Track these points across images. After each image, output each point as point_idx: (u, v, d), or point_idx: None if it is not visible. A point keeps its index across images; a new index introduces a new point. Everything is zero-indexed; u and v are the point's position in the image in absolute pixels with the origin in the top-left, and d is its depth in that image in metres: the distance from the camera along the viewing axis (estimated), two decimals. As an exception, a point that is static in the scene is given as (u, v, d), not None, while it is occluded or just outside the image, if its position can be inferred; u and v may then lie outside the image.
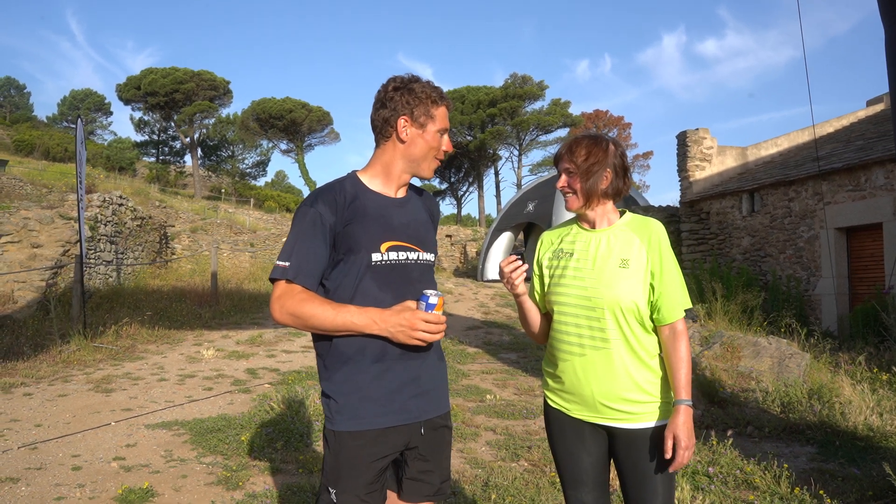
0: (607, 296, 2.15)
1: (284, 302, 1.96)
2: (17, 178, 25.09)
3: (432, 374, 2.14)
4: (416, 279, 2.10)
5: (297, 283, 1.97)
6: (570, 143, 2.31)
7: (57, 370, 7.92)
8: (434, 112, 2.09)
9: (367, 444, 2.00)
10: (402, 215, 2.13)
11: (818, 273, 11.38)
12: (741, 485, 4.43)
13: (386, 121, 2.08)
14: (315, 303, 1.95)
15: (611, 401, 2.17)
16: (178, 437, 5.49)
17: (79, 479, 4.45)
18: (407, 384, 2.04)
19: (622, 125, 56.09)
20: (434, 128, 2.10)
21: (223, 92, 49.75)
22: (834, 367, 7.68)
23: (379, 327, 1.94)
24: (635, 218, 2.30)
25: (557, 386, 2.32)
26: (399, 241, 2.08)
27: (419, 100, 2.06)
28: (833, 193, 11.18)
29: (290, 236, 2.03)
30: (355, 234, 2.01)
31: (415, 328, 1.93)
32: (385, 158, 2.13)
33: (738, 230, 13.48)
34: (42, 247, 11.35)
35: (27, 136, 47.08)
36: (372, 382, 2.00)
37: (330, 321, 1.93)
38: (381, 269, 2.03)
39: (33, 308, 10.26)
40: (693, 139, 14.56)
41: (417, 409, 2.07)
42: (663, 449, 2.12)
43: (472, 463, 4.99)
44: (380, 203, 2.10)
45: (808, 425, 5.74)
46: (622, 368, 2.16)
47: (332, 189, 2.08)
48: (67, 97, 64.70)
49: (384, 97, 2.09)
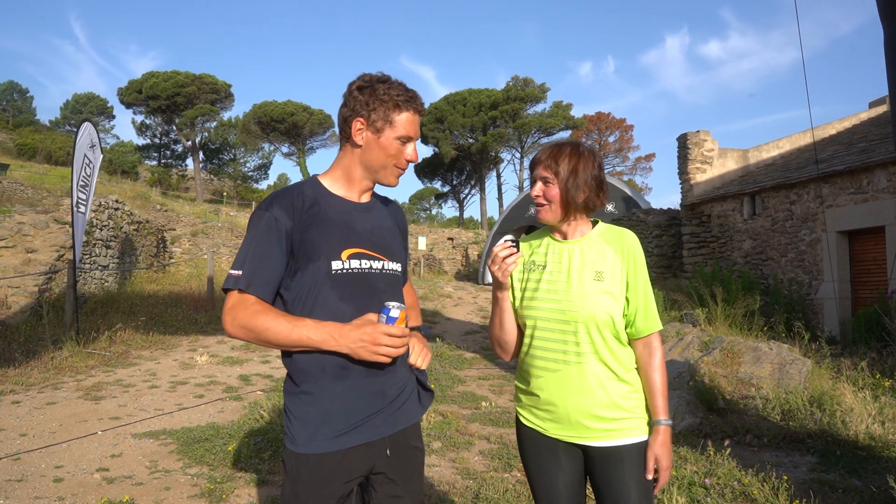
0: (582, 310, 2.06)
1: (237, 314, 1.81)
2: (19, 181, 25.06)
3: (398, 384, 2.00)
4: (382, 290, 1.96)
5: (251, 293, 1.83)
6: (551, 149, 2.18)
7: (48, 377, 7.82)
8: (394, 117, 1.92)
9: (328, 468, 1.86)
10: (366, 221, 2.00)
11: (820, 277, 11.25)
12: (738, 497, 4.31)
13: (345, 120, 1.95)
14: (269, 315, 1.80)
15: (586, 418, 2.08)
16: (164, 446, 5.38)
17: (59, 492, 4.35)
18: (372, 400, 1.91)
19: (624, 127, 55.96)
20: (392, 135, 1.92)
21: (224, 95, 49.72)
22: (836, 373, 7.55)
23: (338, 343, 1.80)
24: (609, 228, 2.21)
25: (531, 403, 2.21)
26: (362, 248, 1.94)
27: (380, 102, 1.90)
28: (835, 196, 11.05)
29: (244, 243, 1.89)
30: (314, 240, 1.88)
31: (377, 343, 1.78)
32: (344, 162, 2.00)
33: (740, 233, 13.35)
34: (37, 252, 11.26)
35: (30, 140, 47.13)
36: (334, 402, 1.86)
37: (285, 336, 1.79)
38: (342, 279, 1.89)
39: (27, 314, 10.17)
40: (694, 141, 14.44)
41: (383, 423, 1.94)
42: (642, 468, 2.05)
43: (463, 473, 4.87)
44: (341, 208, 1.96)
45: (809, 434, 5.62)
46: (597, 384, 2.07)
47: (290, 192, 1.94)
48: (70, 101, 64.77)
49: (347, 94, 1.96)
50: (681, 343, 8.44)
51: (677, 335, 9.03)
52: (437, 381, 8.16)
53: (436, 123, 49.16)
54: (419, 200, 67.60)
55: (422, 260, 30.95)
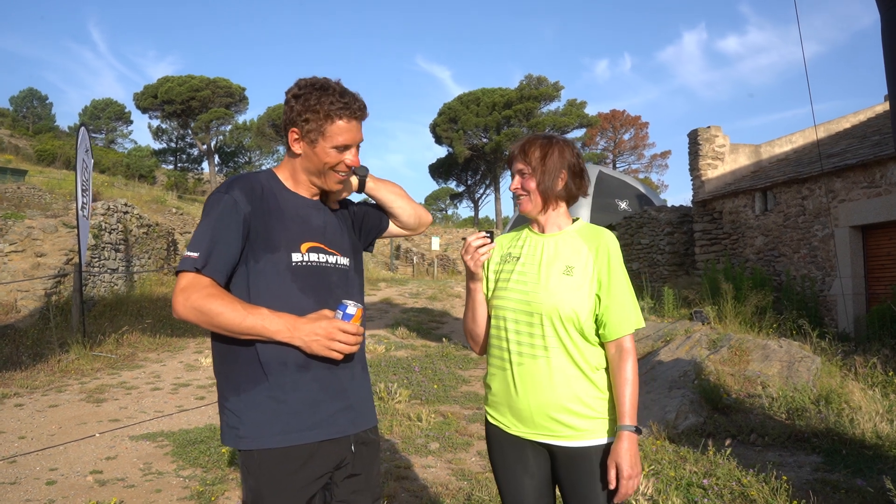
0: (546, 302, 2.04)
1: (189, 294, 1.75)
2: (36, 187, 25.33)
3: (358, 387, 1.98)
4: (336, 284, 1.96)
5: (205, 274, 1.77)
6: (523, 142, 2.19)
7: (53, 380, 7.87)
8: (327, 128, 1.89)
9: (298, 463, 1.81)
10: (320, 217, 2.00)
11: (833, 273, 11.05)
12: (737, 497, 4.22)
13: (284, 127, 1.95)
14: (224, 300, 1.75)
15: (549, 413, 2.02)
16: (160, 448, 5.37)
17: (50, 495, 4.34)
18: (334, 396, 1.88)
19: (639, 125, 55.53)
20: (327, 144, 1.90)
21: (239, 99, 50.03)
22: (847, 370, 7.39)
23: (291, 335, 1.76)
24: (587, 226, 2.19)
25: (496, 399, 2.16)
26: (318, 242, 1.94)
27: (313, 112, 1.87)
28: (848, 191, 10.85)
29: (201, 224, 1.84)
30: (273, 230, 1.86)
31: (332, 338, 1.77)
32: (289, 165, 2.01)
33: (752, 229, 13.15)
34: (45, 255, 11.36)
35: (49, 146, 47.67)
36: (294, 393, 1.82)
37: (238, 322, 1.73)
38: (302, 271, 1.88)
39: (35, 317, 10.24)
40: (705, 137, 14.26)
41: (347, 422, 1.91)
42: (606, 475, 1.99)
43: (458, 475, 4.82)
44: (296, 202, 1.97)
45: (815, 433, 5.49)
46: (561, 378, 2.03)
47: (249, 178, 1.93)
48: (88, 107, 65.45)
49: (286, 102, 1.93)
50: (688, 341, 8.31)
51: (685, 333, 8.90)
52: (442, 381, 8.11)
53: (449, 123, 49.12)
54: (434, 201, 67.61)
55: (435, 260, 30.91)
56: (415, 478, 4.74)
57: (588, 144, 53.69)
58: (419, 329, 12.47)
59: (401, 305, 15.64)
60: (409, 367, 8.82)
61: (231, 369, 1.86)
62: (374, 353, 9.79)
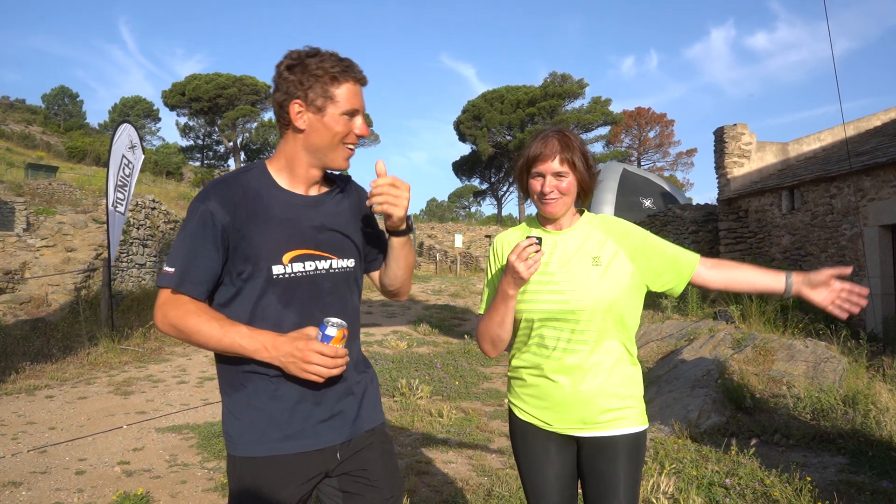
0: (586, 298, 2.05)
1: (167, 311, 1.71)
2: (67, 183, 25.81)
3: (349, 391, 1.86)
4: (328, 291, 1.82)
5: (183, 291, 1.71)
6: (559, 142, 2.08)
7: (82, 372, 8.03)
8: (334, 91, 1.74)
9: (274, 474, 1.76)
10: (314, 217, 1.82)
11: (861, 272, 10.87)
12: (759, 497, 4.18)
13: (280, 106, 1.77)
14: (202, 317, 1.68)
15: (589, 407, 2.06)
16: (185, 440, 5.47)
17: (79, 484, 4.44)
18: (318, 405, 1.78)
19: (665, 122, 55.05)
20: (336, 110, 1.75)
21: (265, 96, 50.41)
22: (874, 371, 7.28)
23: (270, 355, 1.67)
24: (593, 216, 2.22)
25: (528, 395, 2.17)
26: (307, 248, 1.79)
27: (315, 78, 1.72)
28: (877, 189, 10.67)
29: (178, 238, 1.76)
30: (254, 240, 1.73)
31: (307, 360, 1.64)
32: (287, 150, 1.81)
33: (778, 228, 12.99)
34: (76, 251, 11.57)
35: (79, 143, 48.49)
36: (272, 402, 1.75)
37: (216, 340, 1.67)
38: (285, 284, 1.76)
39: (66, 311, 10.46)
40: (731, 135, 14.11)
41: (331, 431, 1.81)
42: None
43: (478, 471, 4.84)
44: (287, 202, 1.79)
45: (840, 434, 5.42)
46: (601, 373, 2.06)
47: (230, 183, 1.77)
48: (118, 104, 66.40)
49: (277, 78, 1.78)
50: (712, 340, 8.25)
51: (709, 332, 8.83)
52: (463, 377, 8.13)
53: (473, 121, 49.10)
54: (458, 198, 67.63)
55: (458, 258, 30.92)
56: (436, 473, 4.77)
57: (613, 142, 53.35)
58: (441, 326, 12.51)
59: (423, 302, 15.69)
60: (431, 363, 8.86)
61: (221, 371, 1.83)
62: (396, 349, 9.86)
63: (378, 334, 11.40)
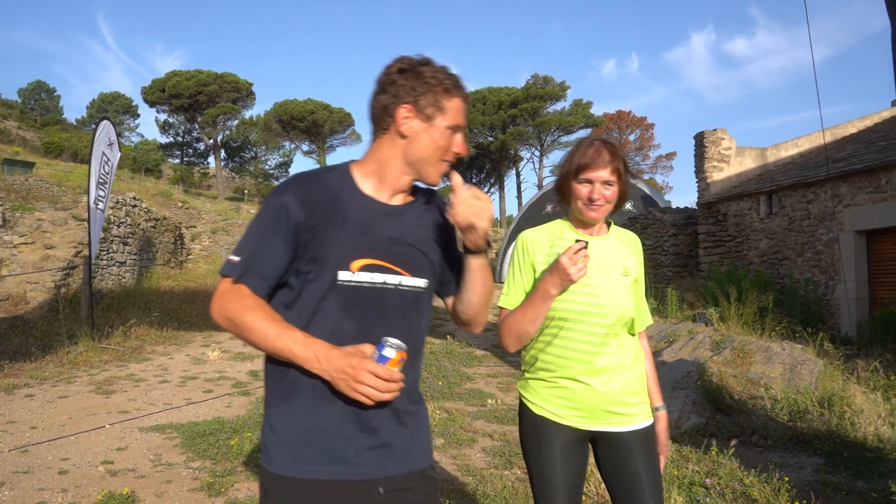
0: (616, 304, 2.18)
1: (225, 302, 1.63)
2: (44, 179, 25.45)
3: (400, 423, 1.72)
4: (393, 308, 1.70)
5: (244, 283, 1.63)
6: (608, 150, 2.17)
7: (62, 371, 7.96)
8: (445, 103, 1.69)
9: (314, 498, 1.62)
10: (391, 227, 1.71)
11: (837, 277, 11.09)
12: (739, 497, 4.27)
13: (384, 108, 1.70)
14: (259, 314, 1.60)
15: (613, 404, 2.18)
16: (169, 440, 5.45)
17: (63, 484, 4.42)
18: (363, 431, 1.65)
19: (645, 125, 55.55)
20: (444, 123, 1.70)
21: (246, 94, 50.17)
22: (849, 373, 7.44)
23: (321, 367, 1.57)
24: (620, 229, 2.37)
25: (552, 393, 2.22)
26: (378, 259, 1.68)
27: (428, 86, 1.67)
28: (853, 196, 10.88)
29: (250, 228, 1.69)
30: (325, 241, 1.64)
31: (358, 380, 1.53)
32: (381, 155, 1.73)
33: (756, 232, 13.20)
34: (55, 248, 11.45)
35: (56, 139, 47.83)
36: (313, 421, 1.64)
37: (268, 341, 1.59)
38: (348, 292, 1.65)
39: (44, 309, 10.35)
40: (710, 140, 14.30)
41: (374, 462, 1.67)
42: (653, 450, 2.24)
43: (463, 471, 4.88)
44: (366, 208, 1.70)
45: (817, 435, 5.54)
46: (623, 372, 2.20)
47: (311, 179, 1.70)
48: (96, 100, 65.61)
49: (386, 80, 1.70)
50: (691, 342, 8.37)
51: (689, 334, 8.96)
52: (446, 377, 8.18)
53: (455, 122, 49.15)
54: (439, 199, 67.64)
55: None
56: (421, 473, 4.80)
57: (594, 144, 53.65)
58: (424, 326, 12.53)
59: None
60: (414, 363, 8.88)
61: (268, 379, 1.73)
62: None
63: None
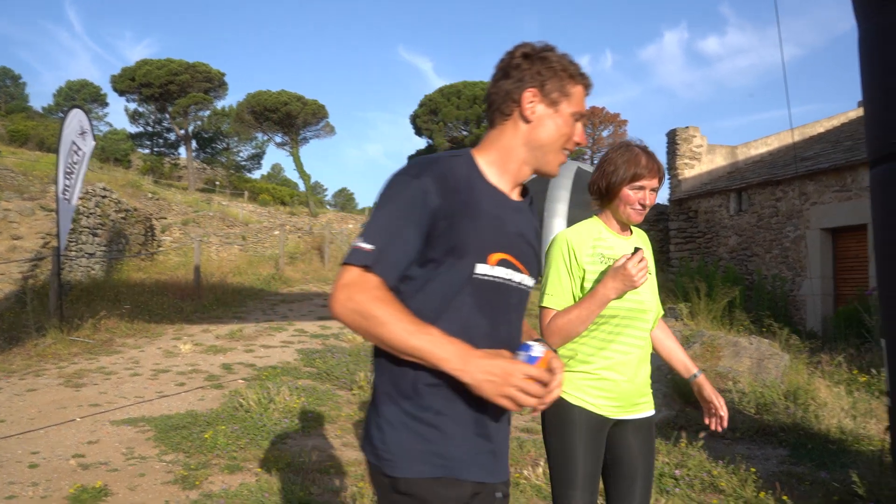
0: (653, 301, 2.37)
1: (353, 294, 1.45)
2: (9, 168, 24.91)
3: (505, 431, 1.68)
4: (514, 307, 1.65)
5: (376, 272, 1.47)
6: (655, 157, 2.35)
7: (30, 364, 7.84)
8: (570, 89, 1.63)
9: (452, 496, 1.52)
10: (517, 224, 1.64)
11: (803, 273, 11.33)
12: (707, 488, 4.37)
13: (508, 94, 1.62)
14: (391, 308, 1.45)
15: (641, 394, 2.36)
16: (142, 433, 5.41)
17: (34, 478, 4.37)
18: (480, 434, 1.58)
19: (618, 122, 56.02)
20: (568, 109, 1.63)
21: (218, 84, 49.51)
22: (814, 368, 7.63)
23: (463, 369, 1.42)
24: (636, 228, 2.50)
25: (590, 385, 2.28)
26: (509, 254, 1.60)
27: (553, 71, 1.61)
28: (820, 194, 11.12)
29: (380, 213, 1.53)
30: (464, 232, 1.52)
31: (510, 383, 1.40)
32: (503, 142, 1.64)
33: (726, 229, 13.42)
34: (22, 239, 11.25)
35: (21, 127, 46.76)
36: (443, 419, 1.54)
37: (403, 339, 1.43)
38: (484, 286, 1.56)
39: (11, 301, 10.16)
40: (682, 137, 14.50)
41: (499, 466, 1.62)
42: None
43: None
44: (496, 200, 1.61)
45: (782, 427, 5.68)
46: (646, 365, 2.38)
47: (443, 164, 1.57)
48: (63, 88, 64.26)
49: (509, 64, 1.64)
50: (662, 337, 8.50)
51: (660, 329, 9.10)
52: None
53: (430, 115, 49.08)
54: (413, 192, 67.53)
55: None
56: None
57: (567, 140, 54.01)
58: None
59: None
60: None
61: (389, 372, 1.59)
62: (353, 342, 9.86)
63: (334, 327, 11.36)
